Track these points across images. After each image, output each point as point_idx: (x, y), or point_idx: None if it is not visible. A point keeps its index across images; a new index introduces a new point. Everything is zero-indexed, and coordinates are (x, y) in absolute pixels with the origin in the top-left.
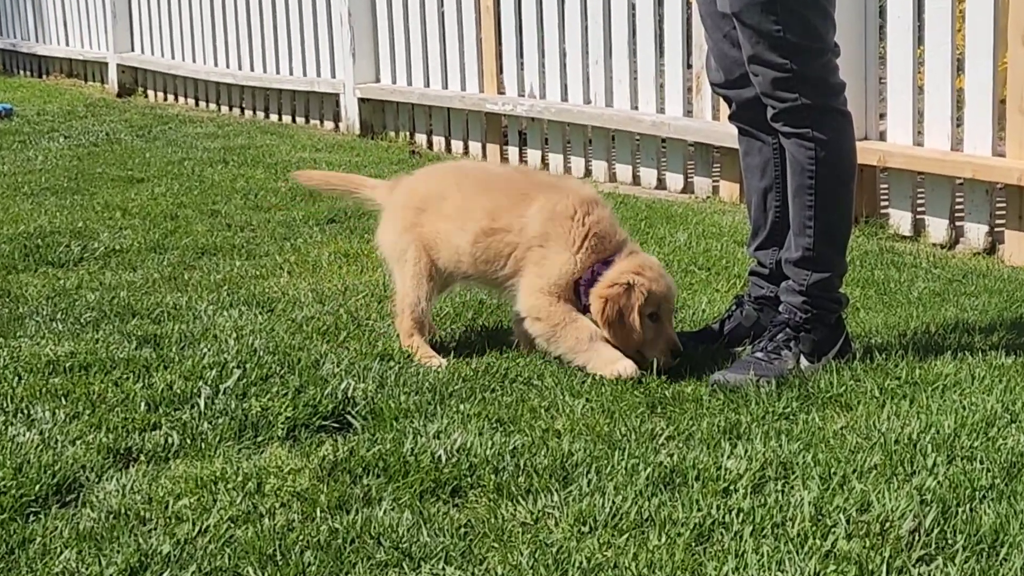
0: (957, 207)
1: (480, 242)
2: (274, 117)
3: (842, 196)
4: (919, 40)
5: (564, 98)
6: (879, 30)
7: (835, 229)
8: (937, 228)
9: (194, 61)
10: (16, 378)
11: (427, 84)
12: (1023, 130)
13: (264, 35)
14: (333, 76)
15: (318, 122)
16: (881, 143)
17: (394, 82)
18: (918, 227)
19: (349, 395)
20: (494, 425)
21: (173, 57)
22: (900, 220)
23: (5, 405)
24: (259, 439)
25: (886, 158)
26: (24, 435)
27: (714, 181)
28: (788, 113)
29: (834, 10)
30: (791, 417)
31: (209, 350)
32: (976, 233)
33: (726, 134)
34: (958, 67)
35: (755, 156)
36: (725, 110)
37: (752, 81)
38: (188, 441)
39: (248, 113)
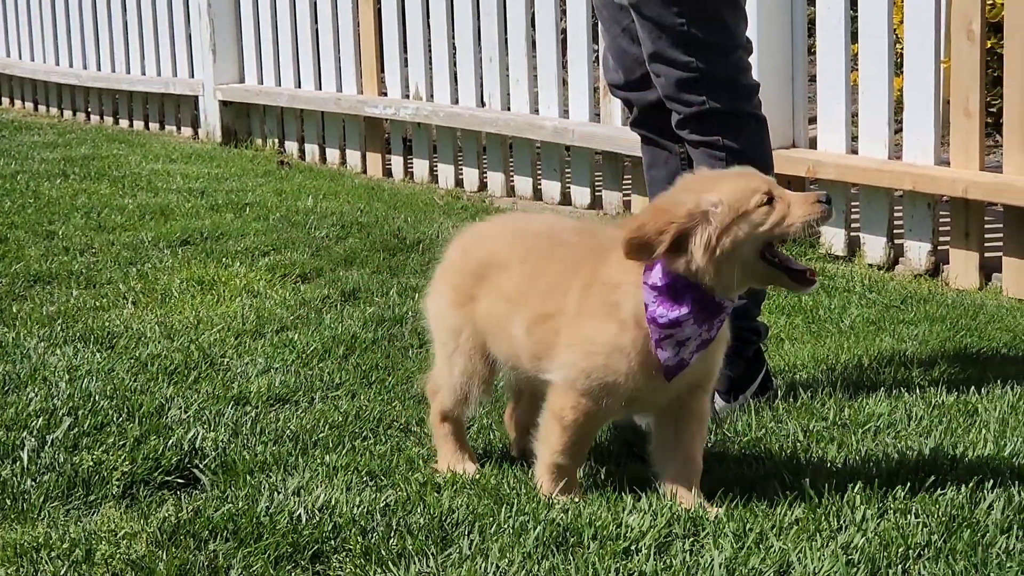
0: (896, 223)
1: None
2: (124, 123)
3: None
4: (853, 35)
5: (455, 100)
6: (808, 23)
7: None
8: (874, 247)
9: (32, 59)
10: None
11: (298, 84)
12: (969, 136)
13: (112, 29)
14: (191, 76)
15: (175, 128)
16: (811, 151)
17: (261, 82)
18: (853, 246)
19: (197, 446)
20: (364, 479)
21: (8, 55)
22: (833, 238)
23: None
24: (91, 498)
25: (816, 168)
26: None
27: (625, 195)
28: (695, 119)
29: (744, 1)
30: (706, 463)
31: (36, 395)
32: (918, 252)
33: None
34: (897, 65)
35: (660, 168)
36: None
37: (654, 82)
38: (8, 502)
39: (95, 118)
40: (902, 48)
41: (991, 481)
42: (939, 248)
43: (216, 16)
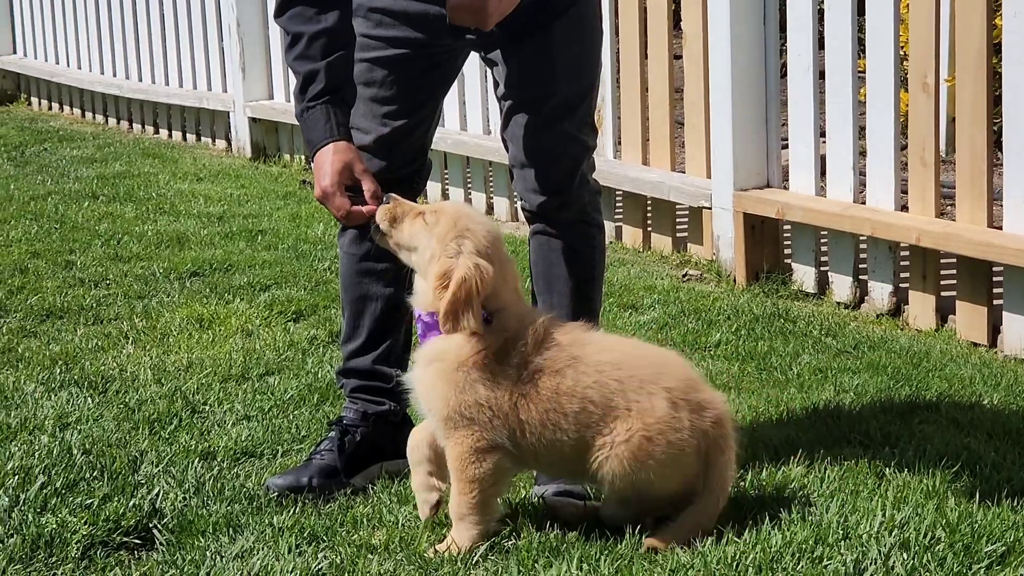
0: (861, 263)
1: None
2: (164, 133)
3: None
4: (822, 78)
5: (463, 127)
6: (780, 70)
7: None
8: (841, 285)
9: (79, 67)
10: None
11: None
12: (926, 184)
13: (152, 42)
14: (224, 91)
15: (210, 140)
16: (782, 192)
17: (288, 100)
18: (823, 283)
19: (157, 506)
20: (307, 540)
21: (57, 62)
22: (804, 275)
23: None
24: (52, 560)
25: (785, 210)
26: None
27: (619, 225)
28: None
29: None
30: (609, 533)
31: (19, 450)
32: (880, 293)
33: (637, 178)
34: (861, 112)
35: None
36: None
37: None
38: None
39: (136, 127)
40: None
41: (875, 550)
42: (901, 287)
43: (245, 35)
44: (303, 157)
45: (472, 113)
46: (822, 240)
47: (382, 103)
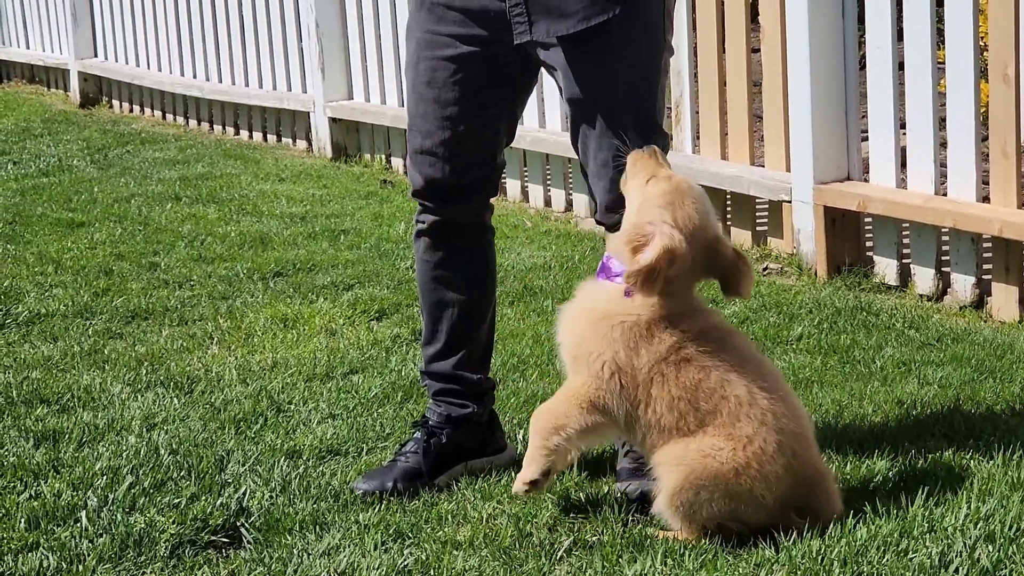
0: (944, 255)
1: None
2: (244, 134)
3: None
4: (901, 70)
5: (542, 125)
6: (859, 62)
7: None
8: (924, 278)
9: (160, 70)
10: None
11: (402, 104)
12: (1008, 175)
13: (232, 43)
14: (304, 92)
15: (290, 141)
16: (863, 185)
17: (368, 100)
18: (904, 276)
19: (244, 505)
20: (393, 537)
21: (138, 65)
22: (886, 268)
23: None
24: (141, 559)
25: (866, 203)
26: None
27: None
28: None
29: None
30: None
31: (106, 450)
32: (963, 284)
33: (721, 175)
34: (941, 104)
35: None
36: None
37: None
38: (64, 564)
39: (217, 128)
40: None
41: (960, 543)
42: (983, 280)
43: (324, 35)
44: (384, 157)
45: (551, 110)
46: (904, 232)
47: (445, 104)
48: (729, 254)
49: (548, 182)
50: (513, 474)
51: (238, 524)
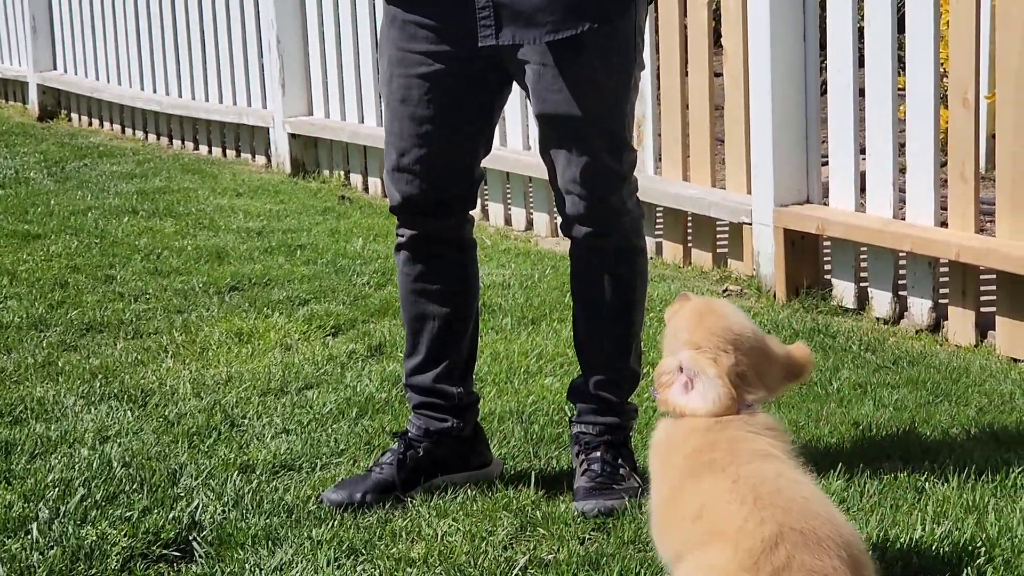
0: (901, 279)
1: None
2: (204, 149)
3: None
4: (862, 95)
5: (503, 143)
6: (820, 87)
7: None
8: (881, 301)
9: (119, 83)
10: None
11: (361, 120)
12: (967, 199)
13: (192, 58)
14: (264, 107)
15: (250, 156)
16: (822, 208)
17: (327, 116)
18: (862, 299)
19: (196, 519)
20: (346, 554)
21: (97, 78)
22: (844, 291)
23: None
24: (92, 572)
25: (825, 226)
26: None
27: (657, 241)
28: None
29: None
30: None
31: (59, 462)
32: (919, 308)
33: (664, 192)
34: (901, 129)
35: None
36: None
37: None
38: None
39: (176, 143)
40: None
41: (916, 563)
42: (940, 304)
43: (285, 52)
44: (342, 173)
45: (512, 128)
46: (862, 256)
47: (420, 122)
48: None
49: (508, 200)
50: (478, 490)
51: (190, 538)
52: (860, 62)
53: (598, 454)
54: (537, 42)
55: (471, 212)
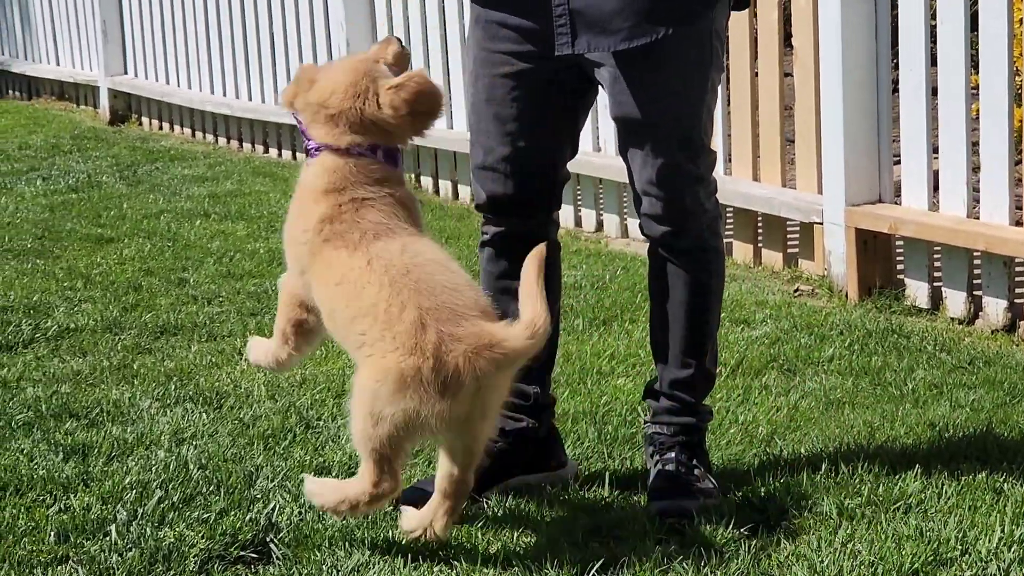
0: (975, 279)
1: None
2: (274, 152)
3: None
4: (934, 95)
5: None
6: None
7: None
8: (955, 301)
9: (189, 87)
10: None
11: (450, 126)
12: None
13: (262, 62)
14: None
15: None
16: (894, 208)
17: None
18: (936, 299)
19: (273, 520)
20: (423, 555)
21: (168, 82)
22: (917, 291)
23: None
24: (170, 573)
25: (897, 225)
26: None
27: (756, 244)
28: None
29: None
30: (735, 543)
31: (136, 464)
32: (995, 308)
33: (743, 196)
34: (974, 128)
35: None
36: None
37: None
38: None
39: (247, 147)
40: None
41: (995, 566)
42: (1016, 303)
43: (354, 54)
44: (413, 175)
45: (583, 131)
46: (935, 255)
47: (505, 120)
48: None
49: (578, 202)
50: (553, 491)
51: (267, 539)
52: (933, 61)
53: (673, 455)
54: (611, 49)
55: (556, 213)
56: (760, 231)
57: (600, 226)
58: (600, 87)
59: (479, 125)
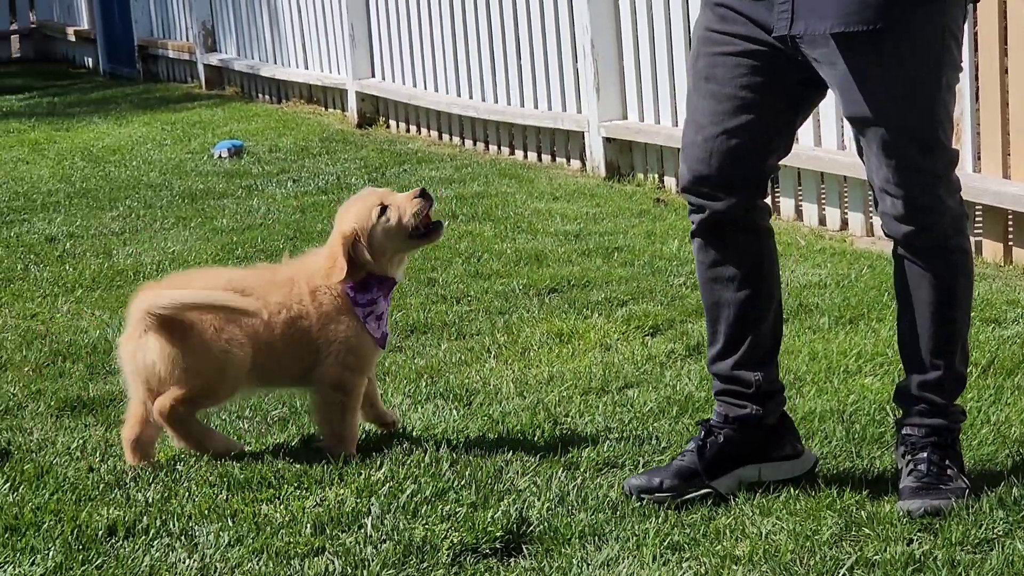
0: None
1: None
2: (519, 154)
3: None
4: None
5: (817, 143)
6: None
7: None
8: None
9: (436, 91)
10: (187, 494)
11: (675, 124)
12: None
13: (507, 65)
14: (579, 112)
15: (564, 160)
16: None
17: (641, 120)
18: None
19: (523, 515)
20: (671, 550)
21: (415, 85)
22: None
23: (172, 526)
24: (424, 566)
25: None
26: (184, 562)
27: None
28: None
29: None
30: (989, 543)
31: (388, 459)
32: None
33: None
34: None
35: None
36: None
37: None
38: (349, 569)
39: (492, 149)
40: None
41: None
42: None
43: (599, 57)
44: (656, 176)
45: (827, 128)
46: None
47: (721, 100)
48: None
49: (823, 201)
50: (801, 488)
51: (518, 533)
52: None
53: (925, 454)
54: (826, 32)
55: (761, 200)
56: (1011, 229)
57: (845, 224)
58: (829, 90)
59: (694, 103)
